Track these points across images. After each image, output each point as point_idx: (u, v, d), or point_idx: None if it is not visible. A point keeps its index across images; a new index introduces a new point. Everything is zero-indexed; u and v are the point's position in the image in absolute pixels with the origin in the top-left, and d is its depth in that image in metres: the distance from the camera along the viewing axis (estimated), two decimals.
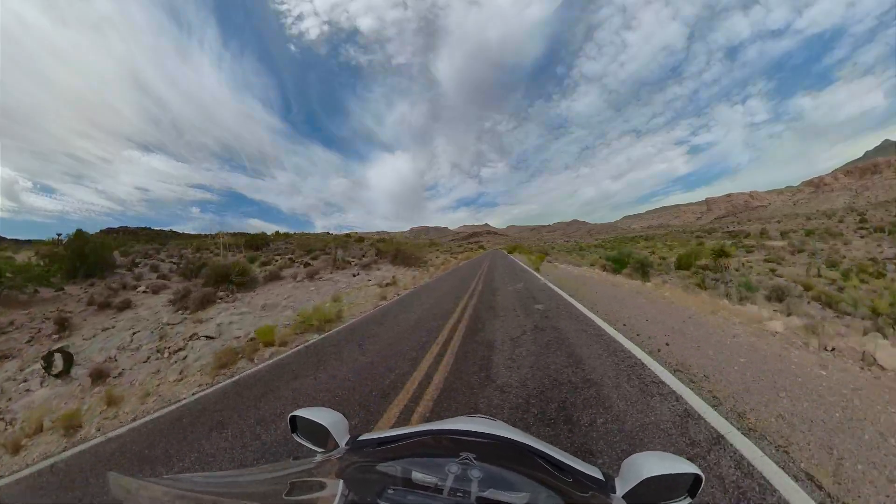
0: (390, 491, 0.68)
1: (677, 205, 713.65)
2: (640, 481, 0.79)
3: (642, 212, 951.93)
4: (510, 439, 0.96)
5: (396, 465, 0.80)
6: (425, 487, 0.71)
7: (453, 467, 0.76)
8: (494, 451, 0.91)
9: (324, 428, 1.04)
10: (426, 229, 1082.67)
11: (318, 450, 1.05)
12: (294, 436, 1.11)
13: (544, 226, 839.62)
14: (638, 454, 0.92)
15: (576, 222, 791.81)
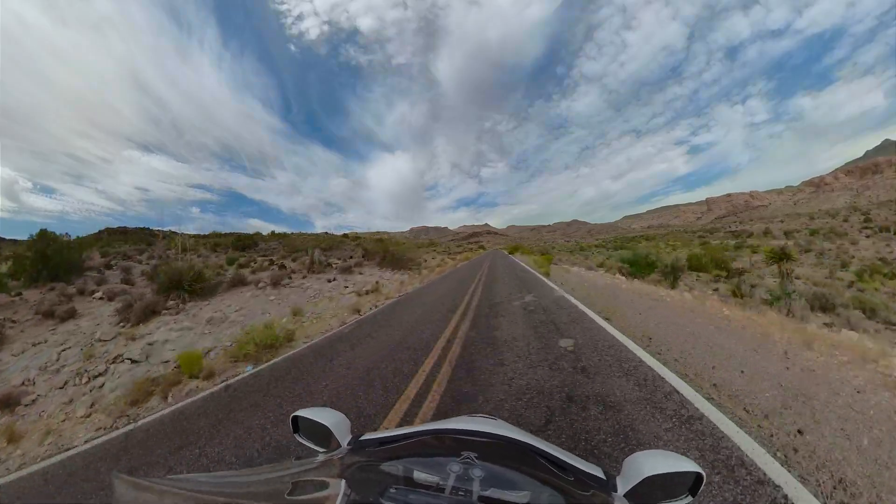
0: (392, 490, 0.68)
1: (677, 205, 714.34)
2: (642, 480, 0.79)
3: (642, 212, 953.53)
4: (512, 438, 0.96)
5: (398, 465, 0.81)
6: (427, 487, 0.71)
7: (455, 467, 0.77)
8: (496, 451, 0.91)
9: (326, 428, 1.04)
10: (426, 229, 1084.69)
11: (320, 450, 1.06)
12: (296, 436, 1.10)
13: (544, 226, 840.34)
14: (639, 453, 0.91)
15: (576, 222, 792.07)
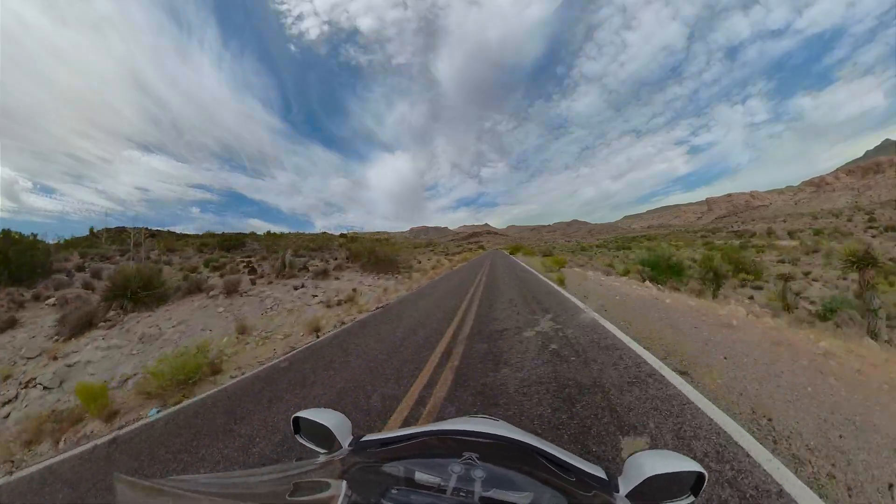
0: (393, 491, 0.67)
1: (677, 205, 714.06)
2: (644, 480, 0.77)
3: (642, 212, 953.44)
4: (513, 439, 0.95)
5: (399, 466, 0.80)
6: (428, 488, 0.71)
7: (456, 467, 0.76)
8: (497, 451, 0.90)
9: (327, 429, 1.02)
10: (426, 229, 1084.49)
11: (322, 451, 1.05)
12: (297, 437, 1.10)
13: (544, 226, 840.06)
14: (641, 452, 0.90)
15: (576, 222, 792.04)
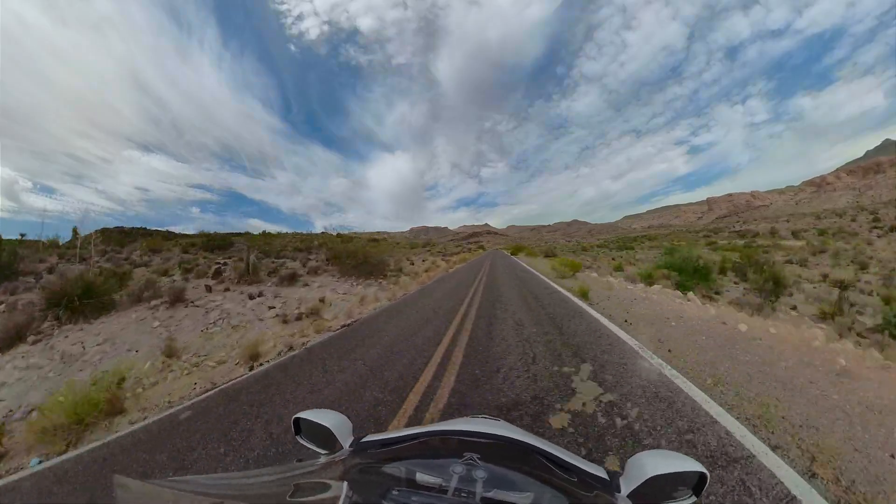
0: (394, 492, 0.67)
1: (678, 205, 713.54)
2: (645, 480, 0.77)
3: (642, 212, 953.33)
4: (514, 439, 0.94)
5: (400, 467, 0.80)
6: (429, 488, 0.70)
7: (457, 468, 0.75)
8: (498, 452, 0.90)
9: (327, 430, 1.02)
10: (426, 229, 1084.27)
11: (322, 452, 1.04)
12: (298, 438, 1.09)
13: (544, 226, 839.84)
14: (642, 453, 0.89)
15: (576, 222, 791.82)
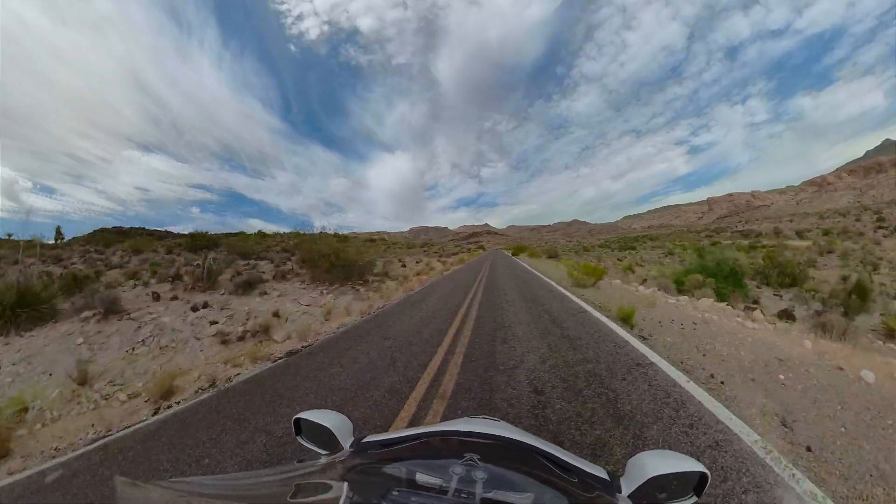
0: (395, 493, 0.67)
1: (678, 205, 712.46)
2: (646, 480, 0.77)
3: (643, 211, 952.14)
4: (514, 440, 0.94)
5: (400, 467, 0.80)
6: (429, 489, 0.70)
7: (457, 468, 0.75)
8: (499, 452, 0.90)
9: (328, 430, 1.02)
10: (426, 229, 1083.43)
11: (323, 452, 1.04)
12: (298, 438, 1.09)
13: (544, 226, 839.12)
14: (643, 453, 0.89)
15: (576, 222, 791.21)
